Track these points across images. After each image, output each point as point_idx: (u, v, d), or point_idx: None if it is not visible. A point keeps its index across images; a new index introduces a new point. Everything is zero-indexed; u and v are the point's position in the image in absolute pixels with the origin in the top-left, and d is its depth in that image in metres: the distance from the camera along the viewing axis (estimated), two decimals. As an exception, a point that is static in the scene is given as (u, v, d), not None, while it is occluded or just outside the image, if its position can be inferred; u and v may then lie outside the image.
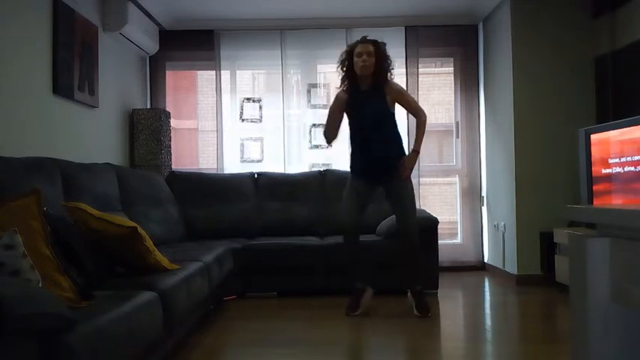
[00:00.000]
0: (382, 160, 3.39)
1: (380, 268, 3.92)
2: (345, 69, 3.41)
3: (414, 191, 3.50)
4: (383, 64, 3.35)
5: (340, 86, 3.47)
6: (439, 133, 6.51)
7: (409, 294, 3.47)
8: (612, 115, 3.96)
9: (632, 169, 3.32)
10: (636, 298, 1.09)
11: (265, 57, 5.30)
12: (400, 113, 3.64)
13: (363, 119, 3.38)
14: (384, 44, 3.41)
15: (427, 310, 3.31)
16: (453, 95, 5.35)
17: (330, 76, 5.13)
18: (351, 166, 3.51)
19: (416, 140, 3.42)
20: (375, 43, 3.35)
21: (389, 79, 3.42)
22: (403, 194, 3.40)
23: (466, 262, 5.09)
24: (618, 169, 3.43)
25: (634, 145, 3.31)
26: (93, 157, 3.70)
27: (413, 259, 3.41)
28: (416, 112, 3.45)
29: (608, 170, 3.53)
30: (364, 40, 3.36)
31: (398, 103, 3.43)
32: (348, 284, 3.47)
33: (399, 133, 3.47)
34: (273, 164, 5.10)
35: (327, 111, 3.56)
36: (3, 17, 2.91)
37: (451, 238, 5.33)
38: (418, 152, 3.41)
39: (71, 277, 1.83)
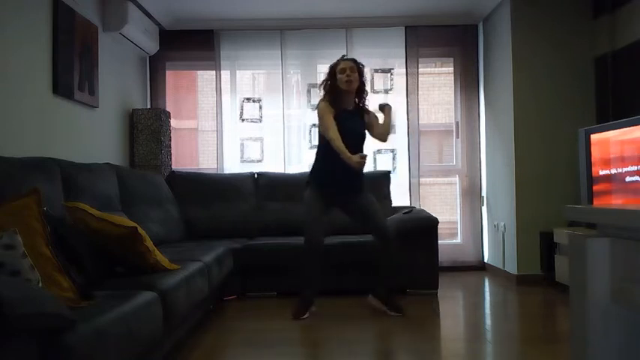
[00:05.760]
0: (352, 180, 3.39)
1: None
2: (327, 87, 3.42)
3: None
4: (363, 83, 3.43)
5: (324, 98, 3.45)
6: (439, 133, 6.50)
7: (374, 298, 3.41)
8: (612, 115, 3.96)
9: (632, 169, 3.32)
10: (636, 298, 1.09)
11: (265, 57, 5.29)
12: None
13: (344, 138, 3.33)
14: (363, 65, 3.47)
15: (401, 308, 3.32)
16: (453, 95, 5.35)
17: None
18: (315, 180, 3.48)
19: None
20: (355, 61, 3.41)
21: (365, 103, 3.48)
22: (367, 203, 3.41)
23: (466, 262, 5.09)
24: (618, 170, 3.43)
25: (634, 145, 3.31)
26: (93, 157, 3.70)
27: (390, 261, 3.38)
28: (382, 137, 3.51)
29: (607, 170, 3.53)
30: (346, 58, 3.42)
31: (369, 125, 3.47)
32: (301, 289, 3.41)
33: None
34: (273, 164, 5.09)
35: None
36: (3, 17, 2.91)
37: (451, 238, 5.32)
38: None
39: (71, 277, 1.83)
